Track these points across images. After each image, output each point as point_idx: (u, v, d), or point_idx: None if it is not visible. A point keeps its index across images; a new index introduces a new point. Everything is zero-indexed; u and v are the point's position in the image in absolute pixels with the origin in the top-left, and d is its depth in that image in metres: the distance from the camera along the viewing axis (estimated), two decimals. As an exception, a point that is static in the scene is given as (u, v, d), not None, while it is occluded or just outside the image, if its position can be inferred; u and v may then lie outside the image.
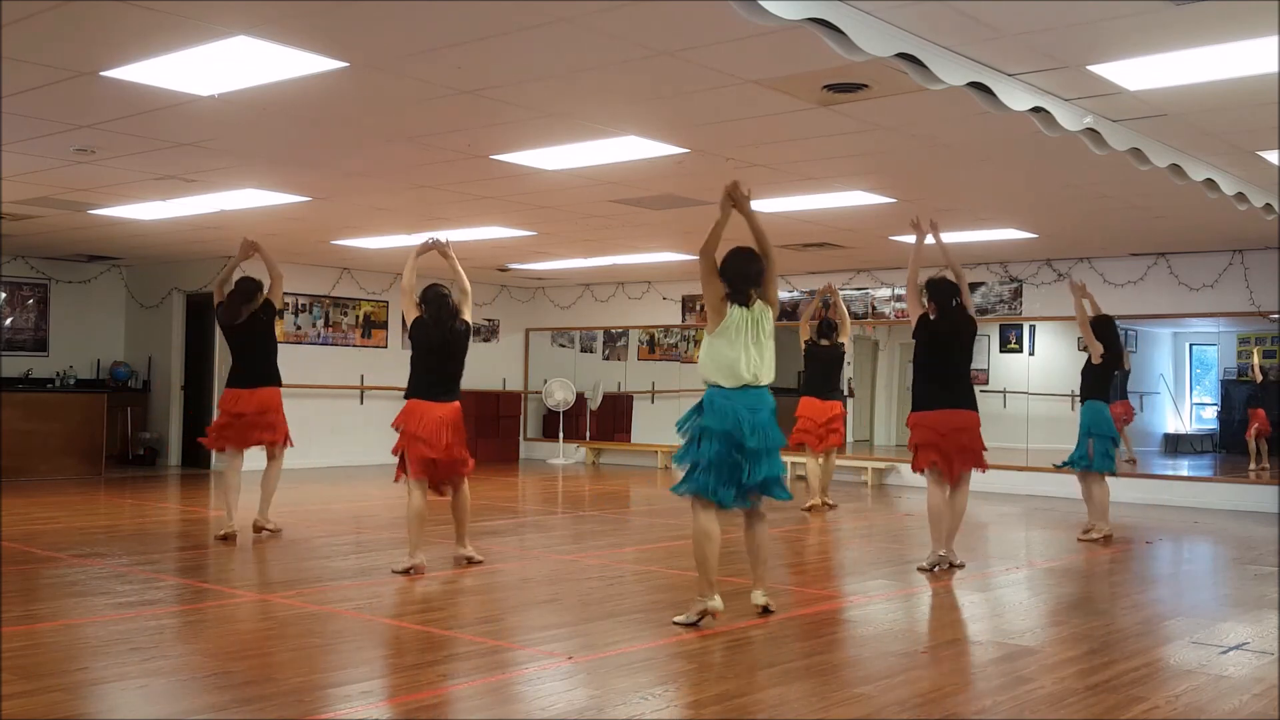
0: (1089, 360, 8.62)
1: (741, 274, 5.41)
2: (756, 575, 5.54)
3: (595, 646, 4.87)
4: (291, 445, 8.33)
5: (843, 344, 10.31)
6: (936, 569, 6.90)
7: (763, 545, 5.55)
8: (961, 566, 7.02)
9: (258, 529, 7.99)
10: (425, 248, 6.98)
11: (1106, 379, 8.64)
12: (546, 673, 4.45)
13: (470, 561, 6.86)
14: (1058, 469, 9.00)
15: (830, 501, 10.39)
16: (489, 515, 9.68)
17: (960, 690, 4.31)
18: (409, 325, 6.72)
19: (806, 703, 4.03)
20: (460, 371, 6.81)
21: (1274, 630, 5.44)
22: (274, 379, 8.18)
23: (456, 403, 6.72)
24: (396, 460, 6.70)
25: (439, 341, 6.65)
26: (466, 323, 6.76)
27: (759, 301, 5.42)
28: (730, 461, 5.25)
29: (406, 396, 6.72)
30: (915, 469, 7.10)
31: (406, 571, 6.50)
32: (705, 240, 5.43)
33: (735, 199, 5.40)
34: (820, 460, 10.19)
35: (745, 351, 5.36)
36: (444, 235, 7.17)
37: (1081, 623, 5.55)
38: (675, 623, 5.25)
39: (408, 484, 6.64)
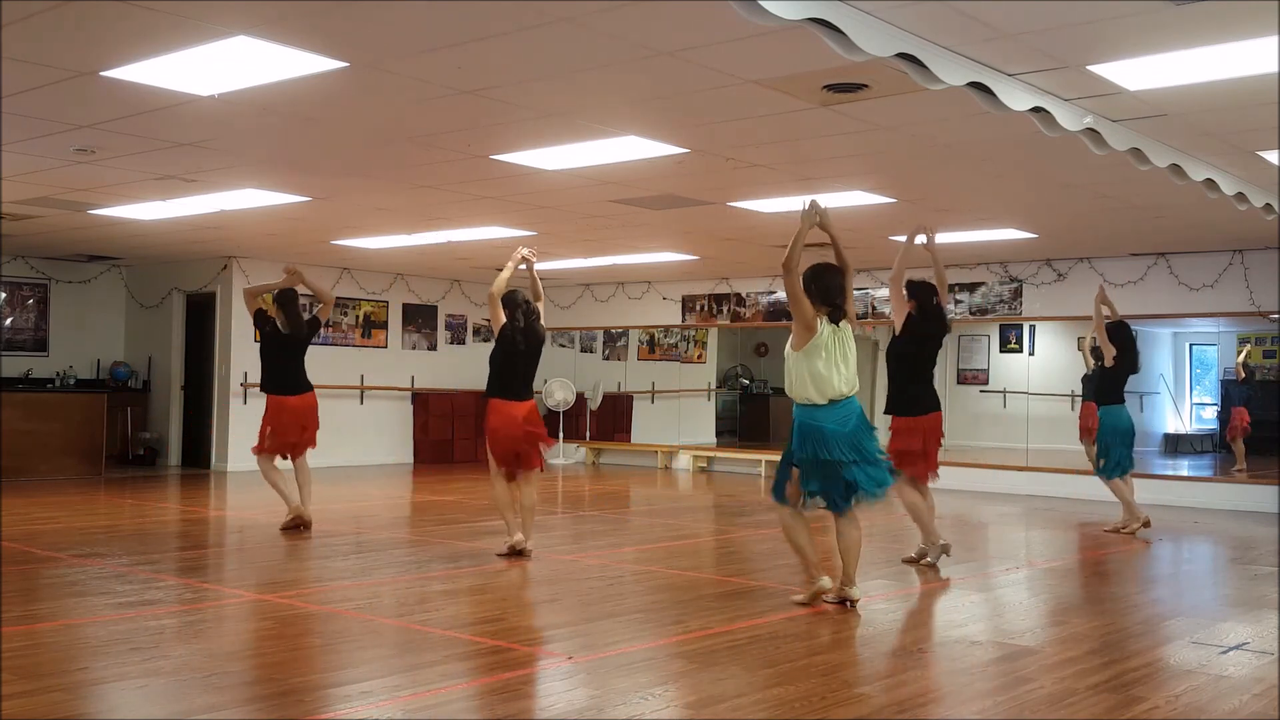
0: (1101, 364, 8.81)
1: (833, 289, 5.64)
2: (846, 574, 5.77)
3: (595, 646, 4.87)
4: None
5: None
6: (935, 560, 7.08)
7: (851, 546, 5.77)
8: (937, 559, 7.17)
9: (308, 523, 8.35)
10: (522, 259, 7.47)
11: (1121, 382, 8.82)
12: (546, 673, 4.45)
13: (521, 553, 7.22)
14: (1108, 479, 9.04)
15: None
16: (490, 515, 9.67)
17: (960, 690, 4.31)
18: (497, 330, 7.27)
19: (806, 703, 4.03)
20: (534, 374, 7.61)
21: (1274, 630, 5.44)
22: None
23: (532, 401, 7.43)
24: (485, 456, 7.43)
25: (525, 346, 7.31)
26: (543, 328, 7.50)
27: (844, 318, 5.67)
28: (824, 470, 5.55)
29: (488, 397, 7.37)
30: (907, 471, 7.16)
31: (509, 552, 7.14)
32: (788, 255, 5.52)
33: (821, 216, 5.63)
34: None
35: (836, 369, 5.58)
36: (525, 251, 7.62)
37: (1081, 623, 5.55)
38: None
39: (493, 475, 7.30)
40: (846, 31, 4.24)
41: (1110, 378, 8.86)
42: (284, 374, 8.46)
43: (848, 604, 5.73)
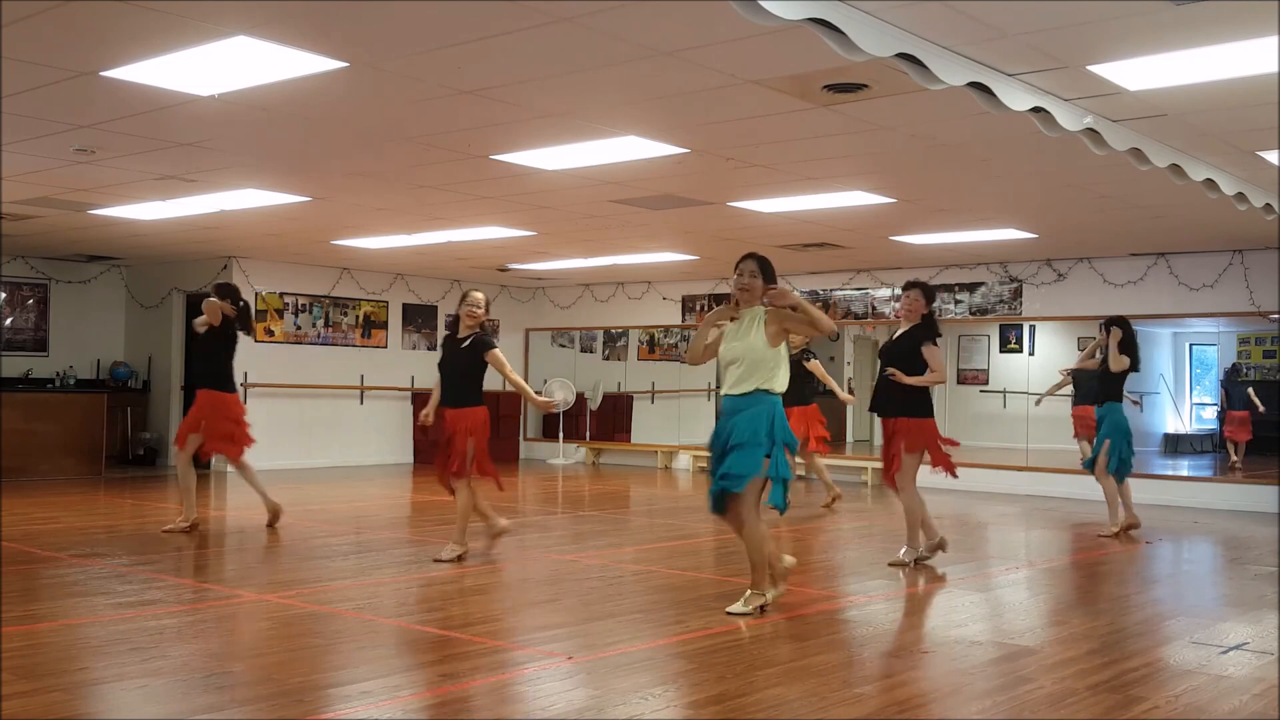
0: (1105, 364, 8.77)
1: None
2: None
3: (595, 646, 4.87)
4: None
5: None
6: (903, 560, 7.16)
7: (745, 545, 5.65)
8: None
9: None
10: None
11: (1122, 381, 8.87)
12: (546, 673, 4.45)
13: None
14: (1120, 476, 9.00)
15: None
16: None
17: (960, 690, 4.31)
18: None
19: (806, 703, 4.03)
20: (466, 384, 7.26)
21: (1274, 630, 5.44)
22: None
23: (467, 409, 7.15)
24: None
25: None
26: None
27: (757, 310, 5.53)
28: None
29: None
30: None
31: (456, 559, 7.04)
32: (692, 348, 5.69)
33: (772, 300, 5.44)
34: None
35: (729, 358, 5.54)
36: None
37: (1081, 623, 5.55)
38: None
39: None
40: (846, 31, 4.24)
41: (1114, 376, 8.84)
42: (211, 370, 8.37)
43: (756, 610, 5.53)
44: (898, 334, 7.23)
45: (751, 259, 5.52)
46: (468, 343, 7.12)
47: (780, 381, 5.45)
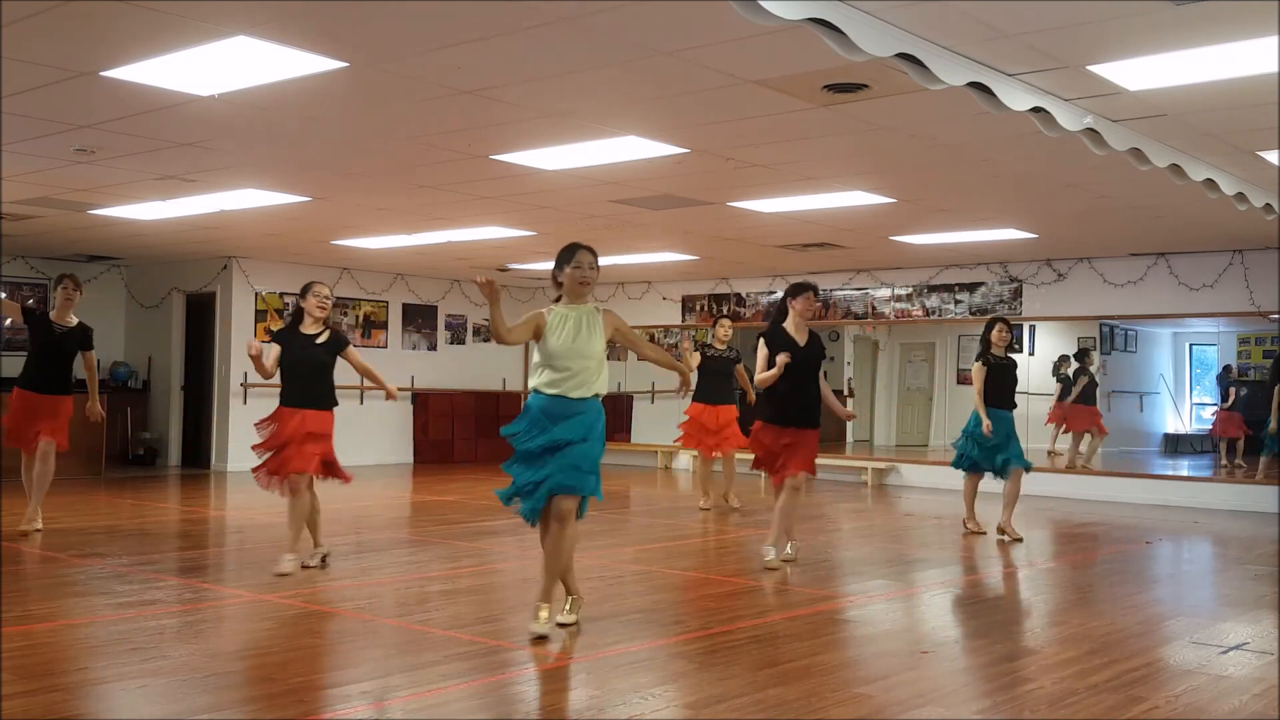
0: (1002, 362, 8.75)
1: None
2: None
3: (595, 646, 4.87)
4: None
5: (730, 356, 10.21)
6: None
7: None
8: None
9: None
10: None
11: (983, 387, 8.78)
12: (546, 673, 4.45)
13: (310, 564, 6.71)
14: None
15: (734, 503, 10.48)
16: (489, 515, 9.67)
17: (960, 690, 4.31)
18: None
19: (806, 703, 4.03)
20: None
21: (1274, 630, 5.44)
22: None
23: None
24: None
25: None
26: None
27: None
28: None
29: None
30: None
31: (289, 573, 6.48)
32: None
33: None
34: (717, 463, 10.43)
35: None
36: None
37: (1081, 623, 5.55)
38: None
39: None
40: (846, 31, 4.24)
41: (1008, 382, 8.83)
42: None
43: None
44: (804, 340, 7.05)
45: (592, 251, 5.13)
46: (324, 339, 6.83)
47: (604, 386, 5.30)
